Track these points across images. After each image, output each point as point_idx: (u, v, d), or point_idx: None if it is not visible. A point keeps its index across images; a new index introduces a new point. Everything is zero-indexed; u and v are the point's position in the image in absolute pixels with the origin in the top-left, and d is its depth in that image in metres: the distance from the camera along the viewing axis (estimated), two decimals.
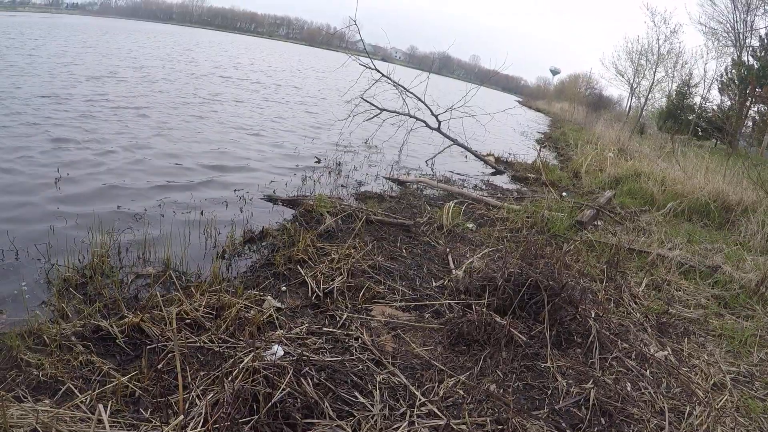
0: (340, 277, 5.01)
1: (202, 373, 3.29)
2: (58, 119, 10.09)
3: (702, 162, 13.34)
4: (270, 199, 7.64)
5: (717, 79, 30.87)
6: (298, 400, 3.03)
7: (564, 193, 11.14)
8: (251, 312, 4.17)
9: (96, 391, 3.03)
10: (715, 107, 31.53)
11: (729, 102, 30.29)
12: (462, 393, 3.58)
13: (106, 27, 55.58)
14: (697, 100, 33.45)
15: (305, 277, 4.99)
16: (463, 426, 3.18)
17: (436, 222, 7.39)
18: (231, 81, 22.58)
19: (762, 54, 27.85)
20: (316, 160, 10.92)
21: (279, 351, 3.45)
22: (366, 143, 13.21)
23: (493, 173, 13.32)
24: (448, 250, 6.45)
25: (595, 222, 9.09)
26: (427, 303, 4.96)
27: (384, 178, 10.31)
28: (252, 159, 10.02)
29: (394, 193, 9.21)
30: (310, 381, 3.21)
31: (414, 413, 3.26)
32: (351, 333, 4.16)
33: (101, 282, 4.38)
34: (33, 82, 13.68)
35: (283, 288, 4.88)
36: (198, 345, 3.68)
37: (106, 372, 3.26)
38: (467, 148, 13.67)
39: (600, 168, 14.73)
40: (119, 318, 3.85)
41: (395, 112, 12.41)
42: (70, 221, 5.67)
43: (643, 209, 10.57)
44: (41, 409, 2.67)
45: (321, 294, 4.74)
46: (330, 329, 4.18)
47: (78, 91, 13.46)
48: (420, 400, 3.41)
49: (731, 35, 29.09)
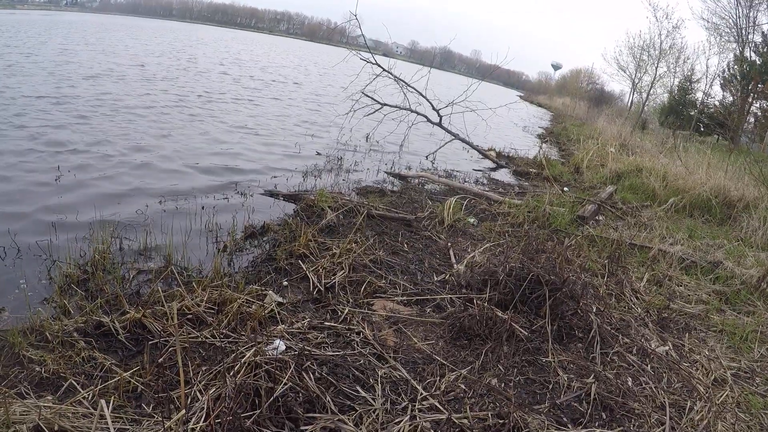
0: (341, 272, 5.01)
1: (204, 368, 3.30)
2: (57, 117, 10.08)
3: (704, 158, 13.30)
4: (271, 194, 7.64)
5: (719, 75, 30.90)
6: (299, 394, 3.04)
7: (565, 188, 11.14)
8: (253, 307, 4.17)
9: (98, 387, 3.04)
10: (717, 103, 31.50)
11: (731, 98, 30.23)
12: (463, 387, 3.59)
13: (106, 24, 55.49)
14: (699, 95, 33.51)
15: (307, 272, 4.98)
16: (465, 420, 3.18)
17: (437, 217, 7.39)
18: (232, 78, 22.52)
19: (764, 50, 27.76)
20: (317, 154, 10.92)
21: (281, 346, 3.45)
22: (367, 138, 13.19)
23: (495, 168, 13.31)
24: (449, 244, 6.45)
25: (597, 217, 9.08)
26: (429, 297, 4.96)
27: (385, 172, 10.31)
28: (253, 154, 10.01)
29: (395, 188, 9.21)
30: (311, 375, 3.22)
31: (416, 407, 3.27)
32: (352, 327, 4.16)
33: (103, 278, 4.38)
34: (34, 81, 13.67)
35: (285, 283, 4.88)
36: (200, 340, 3.69)
37: (108, 368, 3.26)
38: (468, 142, 13.65)
39: (601, 163, 14.70)
40: (121, 314, 3.85)
41: (396, 107, 12.38)
42: (71, 218, 5.67)
43: (645, 204, 10.55)
44: (44, 406, 2.68)
45: (322, 288, 4.75)
46: (331, 324, 4.18)
47: (78, 91, 13.46)
48: (421, 394, 3.42)
49: (734, 31, 29.06)
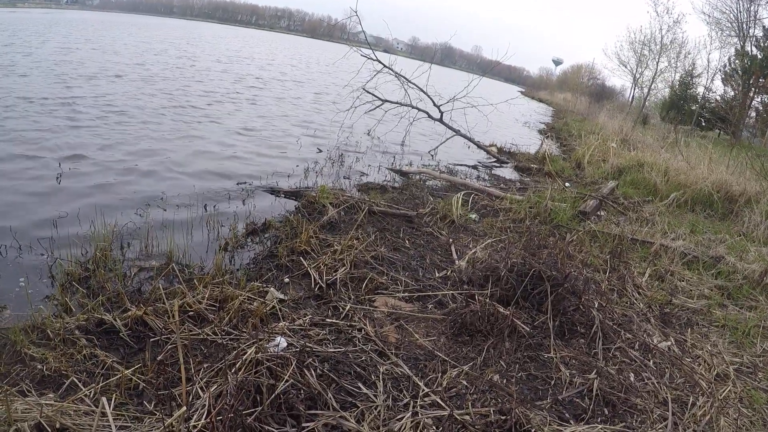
0: (342, 269, 5.00)
1: (205, 365, 3.30)
2: (59, 117, 10.06)
3: (705, 152, 13.29)
4: (272, 191, 7.63)
5: (720, 70, 30.80)
6: (301, 391, 3.04)
7: (567, 184, 11.12)
8: (254, 304, 4.17)
9: (100, 385, 3.04)
10: (719, 98, 31.42)
11: (732, 92, 30.14)
12: (465, 383, 3.59)
13: (107, 22, 55.42)
14: (701, 90, 33.45)
15: (308, 269, 4.98)
16: (467, 416, 3.18)
17: (438, 213, 7.38)
18: (232, 76, 22.48)
19: (765, 44, 27.67)
20: (318, 151, 10.91)
21: (282, 342, 3.45)
22: (368, 134, 13.18)
23: (496, 164, 13.29)
24: (450, 240, 6.44)
25: (598, 212, 9.07)
26: (430, 294, 4.96)
27: (386, 169, 10.30)
28: (254, 151, 10.00)
29: (396, 184, 9.21)
30: (313, 372, 3.22)
31: (417, 404, 3.27)
32: (354, 324, 4.16)
33: (104, 275, 4.38)
34: (37, 80, 13.65)
35: (286, 279, 4.88)
36: (201, 337, 3.69)
37: (109, 365, 3.26)
38: (470, 138, 13.63)
39: (603, 158, 14.69)
40: (122, 311, 3.85)
41: (397, 103, 12.37)
42: (72, 215, 5.67)
43: (646, 199, 10.54)
44: (45, 403, 2.68)
45: (324, 285, 4.74)
46: (333, 320, 4.18)
47: (79, 92, 13.45)
48: (423, 390, 3.42)
49: (735, 25, 28.97)
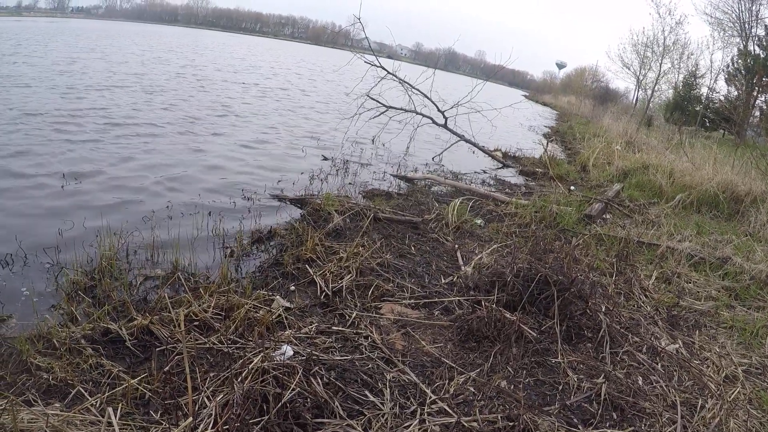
0: (348, 276, 5.00)
1: (211, 374, 3.29)
2: (69, 125, 10.11)
3: (710, 153, 13.24)
4: (278, 199, 7.64)
5: (723, 70, 30.76)
6: (308, 399, 3.03)
7: (572, 187, 11.10)
8: (260, 312, 4.17)
9: (106, 394, 3.04)
10: (722, 98, 31.34)
11: (736, 92, 30.07)
12: (473, 390, 3.57)
13: (113, 31, 55.73)
14: (704, 91, 33.37)
15: (314, 276, 4.98)
16: (474, 423, 3.16)
17: (444, 219, 7.37)
18: (237, 84, 22.56)
19: None
20: (323, 158, 10.93)
21: (288, 351, 3.44)
22: (373, 141, 13.18)
23: (501, 168, 13.29)
24: (456, 246, 6.43)
25: (604, 215, 9.04)
26: (437, 300, 4.94)
27: (391, 175, 10.30)
28: (259, 159, 10.03)
29: (401, 191, 9.21)
30: (320, 380, 3.21)
31: (425, 411, 3.26)
32: (360, 331, 4.15)
33: (110, 284, 4.39)
34: (41, 92, 13.73)
35: (292, 287, 4.88)
36: (207, 346, 3.68)
37: (115, 375, 3.26)
38: (474, 143, 13.62)
39: (608, 161, 14.66)
40: (128, 320, 3.86)
41: (401, 109, 12.37)
42: (78, 225, 5.68)
43: (652, 202, 10.50)
44: (51, 413, 2.68)
45: (330, 293, 4.74)
46: (339, 328, 4.17)
47: (89, 97, 13.52)
48: (430, 397, 3.40)
49: (737, 25, 28.91)
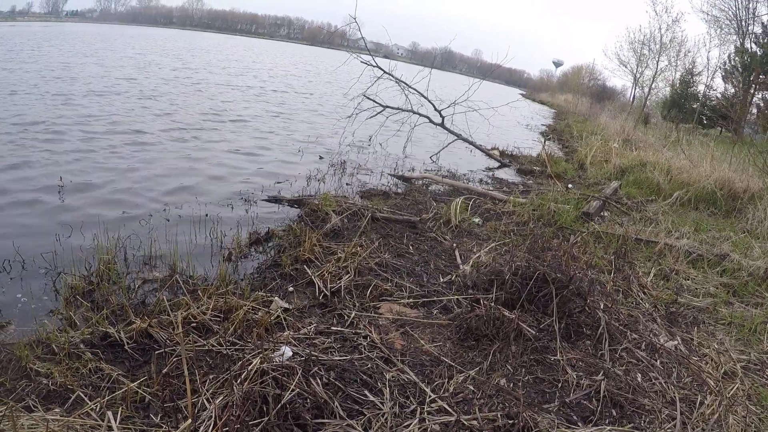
0: (347, 276, 5.00)
1: (211, 377, 3.29)
2: (65, 130, 10.11)
3: (707, 150, 13.29)
4: (275, 200, 7.63)
5: (720, 67, 30.77)
6: (307, 400, 3.03)
7: (570, 185, 11.12)
8: (259, 313, 4.17)
9: (106, 398, 3.03)
10: (719, 95, 31.37)
11: (733, 89, 30.10)
12: (472, 388, 3.58)
13: (108, 34, 55.59)
14: (701, 88, 33.40)
15: (312, 277, 4.98)
16: (474, 421, 3.17)
17: (442, 218, 7.37)
18: (234, 86, 22.55)
19: (765, 41, 27.64)
20: (320, 158, 10.93)
21: (287, 352, 3.44)
22: (370, 141, 13.18)
23: (499, 167, 13.30)
24: (454, 245, 6.43)
25: (602, 213, 9.05)
26: (435, 299, 4.95)
27: (389, 175, 10.29)
28: (255, 160, 10.03)
29: (399, 190, 9.21)
30: (319, 381, 3.21)
31: (424, 410, 3.26)
32: (359, 331, 4.15)
33: (108, 288, 4.39)
34: (35, 99, 13.71)
35: (290, 288, 4.88)
36: (206, 348, 3.68)
37: (115, 378, 3.26)
38: (471, 142, 13.63)
39: (605, 159, 14.69)
40: (127, 324, 3.85)
41: (398, 108, 12.37)
42: (75, 229, 5.67)
43: (650, 199, 10.52)
44: (51, 418, 2.68)
45: (328, 293, 4.74)
46: (338, 328, 4.17)
47: (88, 103, 13.51)
48: (430, 396, 3.41)
49: (734, 23, 28.95)
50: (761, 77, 25.93)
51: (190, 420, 2.37)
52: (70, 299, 4.23)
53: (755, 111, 28.86)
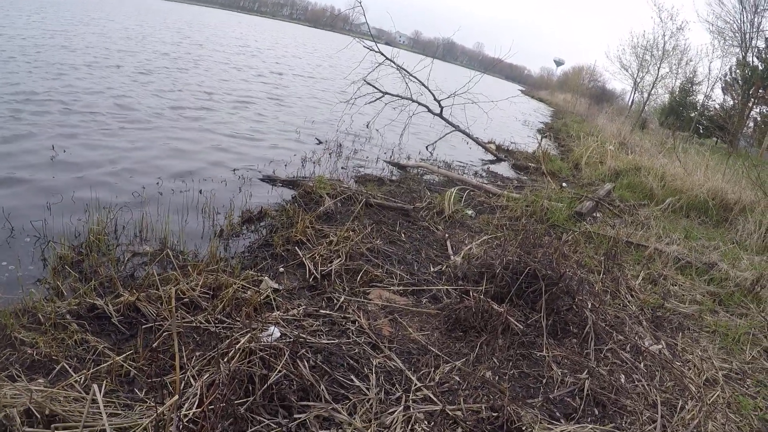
0: (338, 260, 4.99)
1: (197, 354, 3.28)
2: (65, 99, 9.99)
3: (702, 159, 13.34)
4: (269, 180, 7.60)
5: (721, 79, 30.87)
6: (293, 382, 3.03)
7: (564, 184, 11.14)
8: (248, 293, 4.15)
9: (90, 371, 3.01)
10: (718, 106, 31.54)
11: (732, 102, 30.22)
12: (458, 379, 3.59)
13: (108, 6, 54.82)
14: (700, 98, 33.57)
15: (303, 259, 4.97)
16: (458, 412, 3.18)
17: (435, 207, 7.38)
18: (232, 67, 22.33)
19: (767, 55, 27.73)
20: (316, 141, 10.88)
21: (275, 332, 3.43)
22: (367, 126, 13.13)
23: (494, 161, 13.31)
24: (446, 236, 6.43)
25: (594, 214, 9.08)
26: (425, 288, 4.95)
27: (384, 161, 10.27)
28: (252, 140, 9.96)
29: (394, 177, 9.20)
30: (306, 363, 3.21)
31: (410, 398, 3.27)
32: (348, 316, 4.15)
33: (97, 260, 4.35)
34: (37, 67, 13.52)
35: (281, 269, 4.86)
36: (194, 325, 3.67)
37: (101, 351, 3.23)
38: (469, 134, 13.61)
39: (600, 160, 14.73)
40: (115, 296, 3.82)
41: (398, 96, 12.32)
42: (66, 199, 5.60)
43: (642, 203, 10.57)
44: (35, 389, 2.64)
45: (319, 276, 4.73)
46: (327, 312, 4.17)
47: (85, 72, 13.35)
48: (416, 384, 3.42)
49: (737, 35, 29.00)
50: (761, 92, 26.01)
51: (176, 396, 2.36)
52: (58, 269, 4.19)
53: (752, 124, 29.05)
